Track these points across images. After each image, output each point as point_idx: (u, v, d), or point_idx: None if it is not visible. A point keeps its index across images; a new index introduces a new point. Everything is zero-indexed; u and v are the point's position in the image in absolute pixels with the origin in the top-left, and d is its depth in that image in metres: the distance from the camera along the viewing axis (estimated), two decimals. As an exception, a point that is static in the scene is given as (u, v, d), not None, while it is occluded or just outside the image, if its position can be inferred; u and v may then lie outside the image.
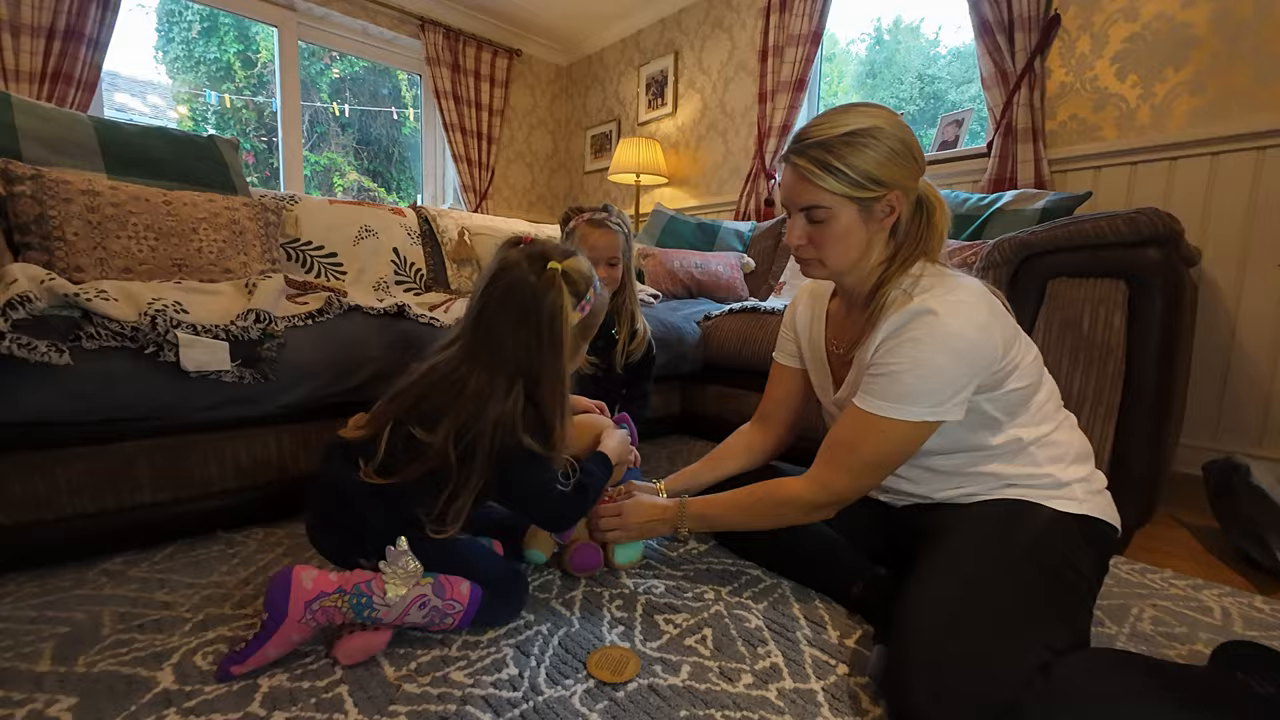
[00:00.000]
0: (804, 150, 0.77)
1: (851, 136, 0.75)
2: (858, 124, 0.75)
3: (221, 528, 1.14)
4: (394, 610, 0.75)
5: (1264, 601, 0.97)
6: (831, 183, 0.76)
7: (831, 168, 0.75)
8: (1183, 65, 1.69)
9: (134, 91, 3.76)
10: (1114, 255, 1.12)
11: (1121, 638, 0.85)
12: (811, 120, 0.79)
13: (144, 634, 0.80)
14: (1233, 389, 1.65)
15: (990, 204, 1.72)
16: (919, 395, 0.74)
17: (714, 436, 1.88)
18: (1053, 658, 0.62)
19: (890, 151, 0.75)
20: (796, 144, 0.79)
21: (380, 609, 0.74)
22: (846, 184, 0.76)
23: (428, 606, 0.76)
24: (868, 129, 0.75)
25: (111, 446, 0.99)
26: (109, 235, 1.20)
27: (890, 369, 0.76)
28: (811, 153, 0.77)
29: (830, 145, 0.75)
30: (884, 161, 0.75)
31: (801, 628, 0.85)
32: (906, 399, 0.75)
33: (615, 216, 1.34)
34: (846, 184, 0.76)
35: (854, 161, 0.75)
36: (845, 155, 0.75)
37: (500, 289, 0.82)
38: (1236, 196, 1.61)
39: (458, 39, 3.34)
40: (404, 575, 0.75)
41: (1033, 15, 1.88)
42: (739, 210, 2.83)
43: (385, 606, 0.74)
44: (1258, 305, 1.60)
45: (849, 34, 3.23)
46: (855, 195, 0.76)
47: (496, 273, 0.83)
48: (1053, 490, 0.80)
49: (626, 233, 1.35)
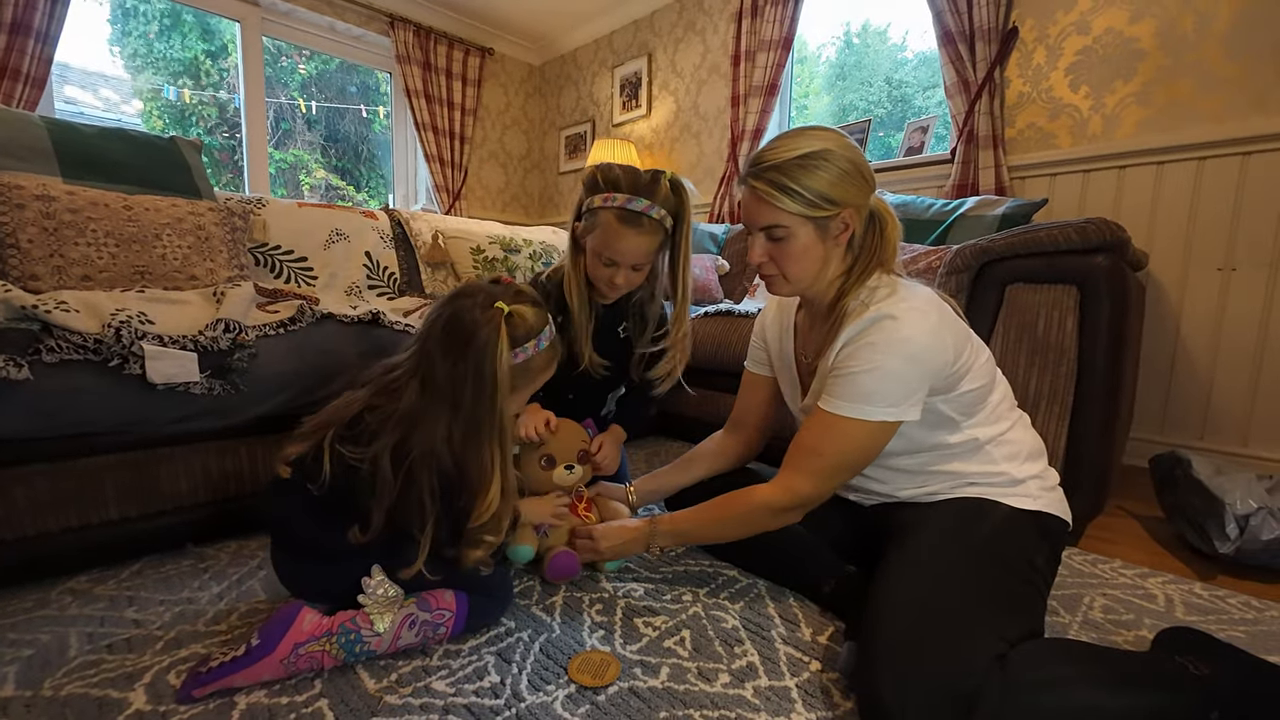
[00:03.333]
0: (761, 174, 0.81)
1: (805, 159, 0.79)
2: (810, 147, 0.79)
3: (192, 542, 1.12)
4: (385, 639, 0.75)
5: (1203, 588, 1.04)
6: (788, 203, 0.80)
7: (787, 189, 0.79)
8: (1131, 77, 1.78)
9: (85, 85, 3.60)
10: (1066, 262, 1.18)
11: (1074, 626, 0.90)
12: (766, 144, 0.83)
13: (114, 654, 0.78)
14: (1177, 385, 1.75)
15: (954, 209, 1.78)
16: (875, 396, 0.78)
17: (690, 438, 1.91)
18: (1008, 648, 0.66)
19: (841, 173, 0.79)
20: (753, 167, 0.83)
21: (371, 640, 0.75)
22: (802, 204, 0.80)
23: (418, 623, 0.77)
24: (819, 151, 0.79)
25: (76, 462, 0.96)
26: (66, 242, 1.16)
27: (850, 370, 0.80)
28: (768, 175, 0.80)
29: (785, 168, 0.79)
30: (835, 182, 0.79)
31: (776, 626, 0.88)
32: (864, 399, 0.78)
33: (659, 205, 1.01)
34: (802, 204, 0.80)
35: (808, 183, 0.79)
36: (800, 177, 0.79)
37: (446, 315, 0.80)
38: (1179, 203, 1.71)
39: (428, 36, 3.29)
40: (386, 603, 0.76)
41: (992, 26, 1.95)
42: (713, 212, 2.86)
43: (376, 637, 0.75)
44: (1199, 306, 1.70)
45: (819, 37, 3.29)
46: (811, 215, 0.80)
47: (449, 297, 0.82)
48: (1009, 488, 0.84)
49: (670, 224, 1.05)
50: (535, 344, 0.83)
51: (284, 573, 0.85)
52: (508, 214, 3.86)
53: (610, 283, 1.08)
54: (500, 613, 0.87)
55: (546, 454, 1.07)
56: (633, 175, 1.03)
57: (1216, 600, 0.99)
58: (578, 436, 1.11)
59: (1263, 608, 0.96)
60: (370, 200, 4.03)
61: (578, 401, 1.21)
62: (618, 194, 1.01)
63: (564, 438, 1.09)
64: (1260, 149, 1.57)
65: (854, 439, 0.81)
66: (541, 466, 1.07)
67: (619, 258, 1.03)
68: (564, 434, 1.09)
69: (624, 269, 1.05)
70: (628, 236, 1.01)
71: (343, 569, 0.78)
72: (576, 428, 1.13)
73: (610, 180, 1.03)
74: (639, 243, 1.02)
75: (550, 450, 1.07)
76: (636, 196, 1.01)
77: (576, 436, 1.11)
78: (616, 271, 1.06)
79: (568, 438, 1.10)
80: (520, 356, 0.81)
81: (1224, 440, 1.67)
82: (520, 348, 0.81)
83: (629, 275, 1.06)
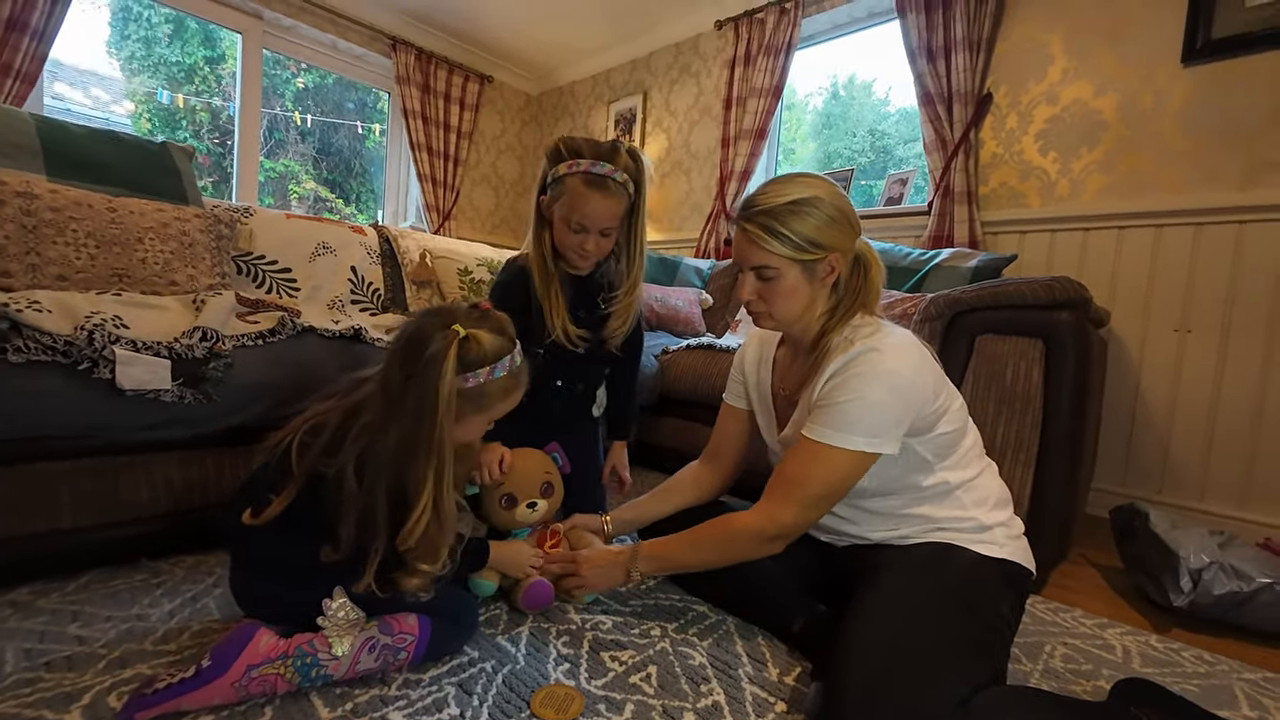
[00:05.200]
0: (752, 217, 0.85)
1: (794, 205, 0.83)
2: (799, 194, 0.83)
3: (147, 555, 1.07)
4: (344, 663, 0.73)
5: (1159, 640, 1.06)
6: (777, 246, 0.83)
7: (777, 233, 0.83)
8: (1095, 146, 1.89)
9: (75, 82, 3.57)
10: (1033, 316, 1.23)
11: (1035, 674, 0.92)
12: (758, 188, 0.87)
13: (52, 672, 0.74)
14: (1137, 440, 1.81)
15: (930, 259, 1.86)
16: (859, 425, 0.80)
17: (668, 468, 1.91)
18: (972, 693, 0.67)
19: (829, 219, 0.83)
20: (745, 210, 0.86)
21: (329, 665, 0.73)
22: (790, 248, 0.83)
23: (378, 647, 0.75)
24: (809, 199, 0.83)
25: (32, 467, 0.93)
26: (44, 241, 1.14)
27: (835, 400, 0.82)
28: (759, 219, 0.84)
29: (775, 213, 0.83)
30: (822, 227, 0.83)
31: (744, 665, 0.87)
32: (848, 428, 0.80)
33: (621, 170, 1.03)
34: (790, 248, 0.83)
35: (797, 228, 0.82)
36: (789, 222, 0.82)
37: (410, 330, 0.80)
38: (1139, 266, 1.80)
39: (429, 61, 3.36)
40: (346, 625, 0.74)
41: (968, 91, 2.07)
42: (699, 248, 2.92)
43: (334, 660, 0.73)
44: (1158, 364, 1.78)
45: (807, 87, 3.44)
46: (799, 258, 0.84)
47: (420, 313, 0.83)
48: (976, 534, 0.86)
49: (633, 190, 1.07)
50: (489, 371, 0.80)
51: (240, 591, 0.82)
52: (496, 236, 3.89)
53: (580, 249, 1.08)
54: (465, 640, 0.85)
55: (506, 493, 1.02)
56: (594, 143, 1.06)
57: (1171, 653, 1.01)
58: (540, 468, 1.07)
59: (1214, 661, 0.99)
60: (360, 215, 4.02)
61: (566, 388, 1.21)
62: (581, 160, 1.03)
63: (523, 472, 1.04)
64: (1211, 220, 1.68)
65: (837, 467, 0.82)
66: (502, 506, 1.03)
67: (588, 221, 1.04)
68: (523, 468, 1.04)
69: (593, 234, 1.06)
70: (595, 199, 1.03)
71: (302, 589, 0.76)
72: (539, 457, 1.08)
73: (573, 148, 1.05)
74: (606, 205, 1.04)
75: (509, 489, 1.02)
76: (600, 161, 1.03)
77: (539, 468, 1.06)
78: (586, 238, 1.07)
79: (528, 472, 1.05)
80: (470, 381, 0.79)
81: (1181, 494, 1.73)
82: (472, 372, 0.79)
83: (598, 241, 1.07)
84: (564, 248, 1.11)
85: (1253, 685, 0.92)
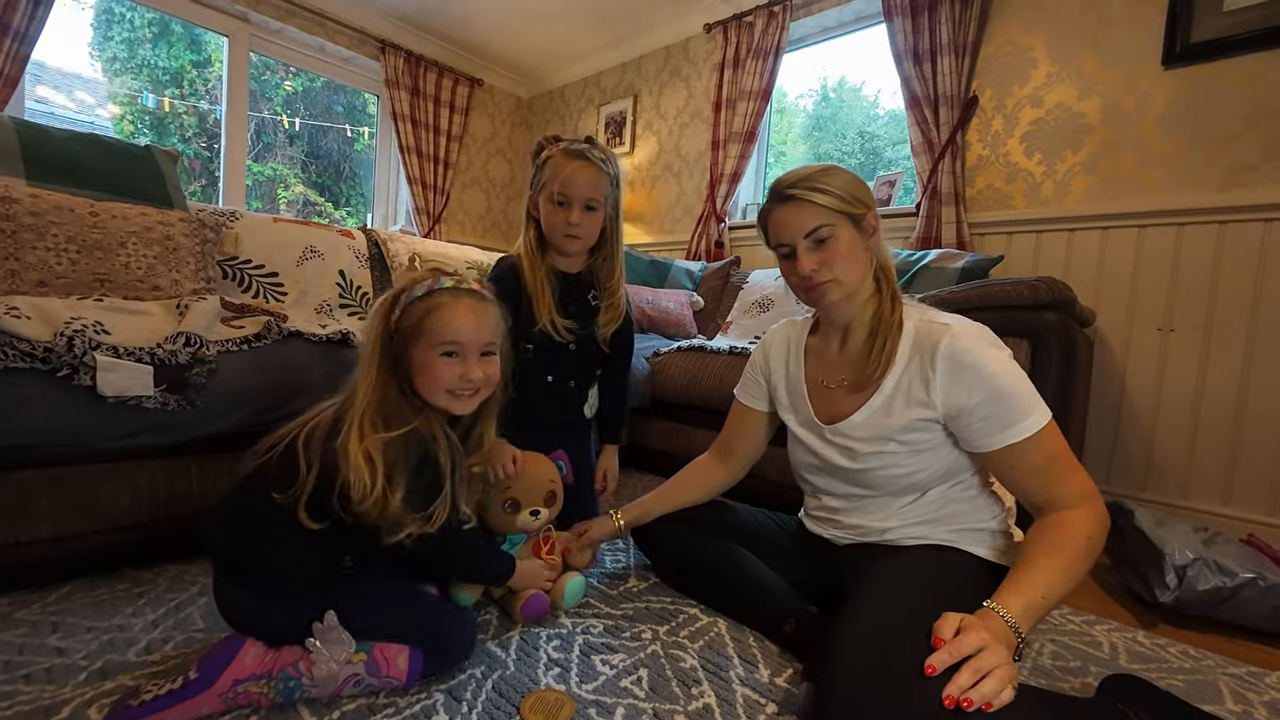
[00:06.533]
0: (792, 188, 0.88)
1: (824, 171, 0.88)
2: (821, 165, 0.89)
3: (129, 565, 1.06)
4: (326, 689, 0.72)
5: (1145, 636, 1.07)
6: (827, 200, 0.86)
7: (823, 190, 0.87)
8: (1079, 149, 1.91)
9: (59, 85, 3.52)
10: (1019, 316, 1.24)
11: (1024, 671, 0.92)
12: (782, 175, 0.91)
13: (31, 685, 0.73)
14: (1122, 438, 1.83)
15: (918, 260, 1.87)
16: (1024, 393, 0.81)
17: (660, 470, 1.91)
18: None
19: (855, 179, 0.89)
20: (781, 188, 0.90)
21: (311, 689, 0.72)
22: (839, 201, 0.87)
23: (362, 685, 0.74)
24: (831, 167, 0.89)
25: (9, 475, 0.91)
26: (24, 246, 1.12)
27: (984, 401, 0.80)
28: (799, 187, 0.88)
29: (812, 178, 0.88)
30: (855, 184, 0.89)
31: (735, 667, 0.87)
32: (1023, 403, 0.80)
33: (600, 150, 1.10)
34: (839, 201, 0.87)
35: (837, 184, 0.87)
36: (828, 181, 0.87)
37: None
38: (1123, 266, 1.83)
39: (419, 64, 3.35)
40: (334, 649, 0.73)
41: (955, 94, 2.09)
42: (690, 250, 2.93)
43: (315, 686, 0.72)
44: (1142, 363, 1.80)
45: (797, 89, 3.47)
46: (848, 210, 0.87)
47: None
48: (981, 538, 0.88)
49: (613, 173, 1.12)
50: (425, 285, 0.80)
51: (225, 603, 0.79)
52: (487, 239, 3.88)
53: (567, 225, 1.09)
54: (460, 660, 0.83)
55: (510, 498, 1.02)
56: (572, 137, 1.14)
57: (1158, 649, 1.02)
58: (545, 475, 1.06)
59: (1199, 657, 1.00)
60: (349, 218, 3.99)
61: (558, 383, 1.21)
62: (560, 141, 1.11)
63: (530, 479, 1.04)
64: (1193, 221, 1.70)
65: (1056, 437, 0.82)
66: (506, 510, 1.02)
67: (569, 190, 1.07)
68: (530, 474, 1.04)
69: (577, 207, 1.08)
70: (574, 166, 1.07)
71: (285, 603, 0.74)
72: (546, 464, 1.08)
73: (552, 138, 1.14)
74: (588, 173, 1.08)
75: (514, 494, 1.02)
76: (577, 141, 1.11)
77: (545, 475, 1.06)
78: (570, 211, 1.09)
79: (534, 478, 1.05)
80: (405, 298, 0.79)
81: (1166, 492, 1.75)
82: (407, 291, 0.79)
83: (583, 216, 1.09)
84: (552, 230, 1.12)
85: (1237, 680, 0.93)
